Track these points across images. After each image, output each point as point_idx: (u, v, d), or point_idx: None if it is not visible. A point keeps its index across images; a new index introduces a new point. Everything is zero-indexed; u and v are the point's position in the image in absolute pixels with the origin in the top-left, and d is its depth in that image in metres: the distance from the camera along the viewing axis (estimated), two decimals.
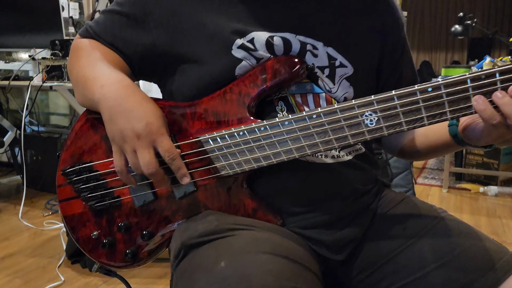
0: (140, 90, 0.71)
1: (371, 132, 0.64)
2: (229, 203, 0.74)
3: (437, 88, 0.60)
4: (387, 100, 0.62)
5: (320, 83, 0.74)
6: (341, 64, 0.75)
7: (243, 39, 0.72)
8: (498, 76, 0.57)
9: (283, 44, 0.73)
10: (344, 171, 0.75)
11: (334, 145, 0.65)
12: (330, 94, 0.75)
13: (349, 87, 0.76)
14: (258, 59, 0.72)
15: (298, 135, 0.66)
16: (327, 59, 0.74)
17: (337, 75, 0.75)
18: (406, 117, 0.62)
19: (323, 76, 0.74)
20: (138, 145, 0.66)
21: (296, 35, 0.73)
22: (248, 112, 0.71)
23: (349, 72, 0.76)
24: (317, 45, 0.74)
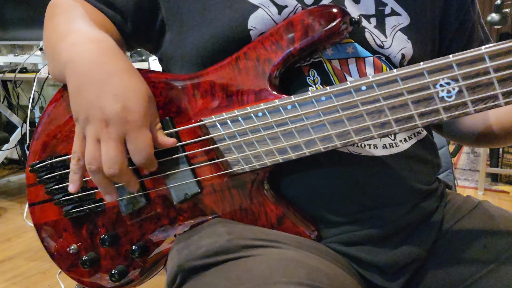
0: (124, 57, 0.52)
1: (450, 110, 0.44)
2: (246, 209, 0.55)
3: None
4: (474, 61, 0.42)
5: (368, 37, 0.55)
6: (393, 11, 0.56)
7: None
8: None
9: None
10: (400, 166, 0.55)
11: (393, 129, 0.46)
12: (383, 50, 0.55)
13: (407, 41, 0.57)
14: (281, 7, 0.53)
15: (341, 115, 0.47)
16: (373, 4, 0.56)
17: (388, 25, 0.56)
18: (503, 87, 0.42)
19: (371, 27, 0.55)
20: (104, 134, 0.47)
21: None
22: (270, 84, 0.52)
23: (404, 22, 0.57)
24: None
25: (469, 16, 0.64)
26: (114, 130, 0.47)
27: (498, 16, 2.88)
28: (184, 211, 0.57)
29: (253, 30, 0.53)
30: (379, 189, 0.54)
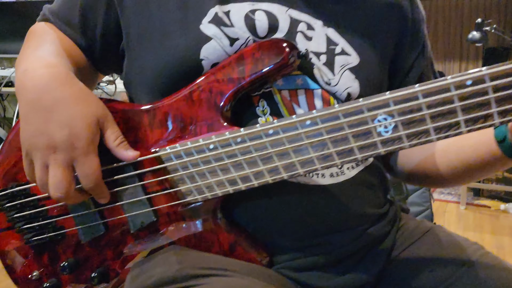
0: (75, 83, 0.53)
1: (386, 144, 0.46)
2: (200, 237, 0.56)
3: (480, 81, 0.42)
4: (409, 99, 0.44)
5: (316, 73, 0.57)
6: (343, 51, 0.58)
7: (220, 7, 0.55)
8: None
9: (268, 21, 0.56)
10: (348, 192, 0.57)
11: (335, 162, 0.48)
12: (329, 87, 0.57)
13: (354, 81, 0.58)
14: (233, 40, 0.55)
15: (287, 148, 0.49)
16: (325, 43, 0.58)
17: (337, 64, 0.58)
18: (435, 122, 0.44)
19: (320, 64, 0.57)
20: (52, 160, 0.49)
21: (288, 8, 0.57)
22: (222, 116, 0.54)
23: (353, 62, 0.59)
24: (313, 24, 0.57)
25: (418, 63, 0.66)
26: (62, 157, 0.49)
27: (478, 34, 2.96)
28: (141, 239, 0.58)
29: (205, 60, 0.55)
30: (327, 217, 0.56)
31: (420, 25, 0.66)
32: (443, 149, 0.61)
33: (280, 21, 0.56)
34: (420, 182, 0.66)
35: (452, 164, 0.60)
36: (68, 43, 0.62)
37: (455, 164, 0.59)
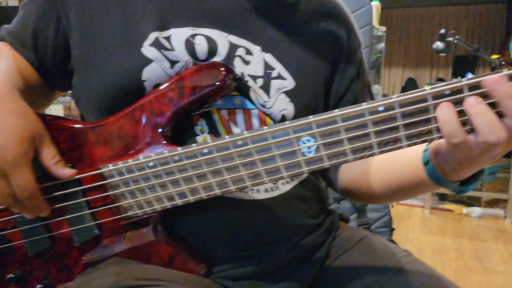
0: (18, 101, 0.55)
1: (310, 164, 0.50)
2: (141, 249, 0.59)
3: (390, 108, 0.47)
4: (329, 122, 0.48)
5: (253, 95, 0.60)
6: (280, 75, 0.62)
7: (160, 33, 0.58)
8: (467, 92, 0.44)
9: (207, 45, 0.59)
10: (282, 206, 0.61)
11: (264, 179, 0.51)
12: (264, 109, 0.61)
13: (289, 103, 0.62)
14: (173, 62, 0.58)
15: (220, 167, 0.52)
16: (262, 67, 0.61)
17: (273, 87, 0.61)
18: (351, 144, 0.48)
19: (256, 87, 0.60)
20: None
21: (228, 34, 0.60)
22: (162, 135, 0.57)
23: (289, 86, 0.62)
24: (252, 50, 0.61)
25: (353, 87, 0.69)
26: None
27: (442, 44, 3.06)
28: (85, 251, 0.60)
29: (147, 81, 0.58)
30: (262, 229, 0.60)
31: (355, 52, 0.69)
32: (377, 168, 0.64)
33: (219, 45, 0.59)
34: (354, 197, 0.69)
35: (384, 183, 0.62)
36: (22, 61, 0.64)
37: (387, 182, 0.62)
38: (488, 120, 0.42)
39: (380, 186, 0.63)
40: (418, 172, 0.54)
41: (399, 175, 0.59)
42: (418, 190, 0.58)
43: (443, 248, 2.51)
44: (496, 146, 0.42)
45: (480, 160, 0.45)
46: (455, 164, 0.47)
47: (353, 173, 0.68)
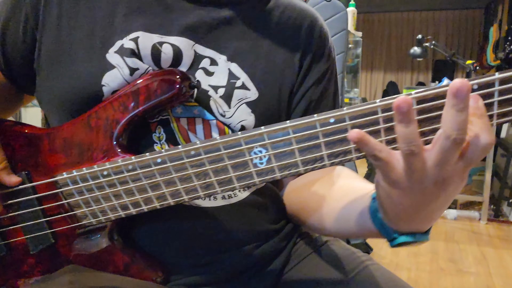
0: None
1: (261, 175, 0.50)
2: (96, 258, 0.58)
3: (341, 120, 0.47)
4: (281, 133, 0.49)
5: (212, 104, 0.60)
6: (244, 85, 0.62)
7: (125, 39, 0.58)
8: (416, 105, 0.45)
9: (173, 54, 0.59)
10: (240, 213, 0.61)
11: (216, 190, 0.52)
12: (223, 119, 0.61)
13: (250, 114, 0.62)
14: (133, 70, 0.58)
15: (173, 177, 0.52)
16: (226, 77, 0.61)
17: (235, 97, 0.61)
18: (302, 156, 0.49)
19: (216, 97, 0.60)
20: None
21: (195, 43, 0.60)
22: (117, 143, 0.56)
23: (252, 96, 0.62)
24: (217, 59, 0.61)
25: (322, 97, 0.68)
26: None
27: (419, 49, 3.11)
28: (42, 259, 0.60)
29: (106, 87, 0.57)
30: (219, 236, 0.60)
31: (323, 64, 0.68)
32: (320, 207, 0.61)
33: (184, 56, 0.59)
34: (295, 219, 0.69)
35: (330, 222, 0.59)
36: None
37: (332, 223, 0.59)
38: (408, 131, 0.39)
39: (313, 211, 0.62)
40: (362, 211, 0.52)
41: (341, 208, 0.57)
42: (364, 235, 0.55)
43: (418, 250, 2.55)
44: (413, 158, 0.39)
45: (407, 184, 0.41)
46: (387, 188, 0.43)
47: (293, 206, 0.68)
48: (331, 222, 0.59)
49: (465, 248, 2.58)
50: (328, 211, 0.59)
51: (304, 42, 0.67)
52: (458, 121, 0.37)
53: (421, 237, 0.47)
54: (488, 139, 0.38)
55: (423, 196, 0.42)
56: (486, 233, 2.85)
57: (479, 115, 0.39)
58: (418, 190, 0.41)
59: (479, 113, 0.39)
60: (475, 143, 0.38)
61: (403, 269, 2.27)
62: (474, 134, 0.38)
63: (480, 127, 0.38)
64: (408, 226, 0.46)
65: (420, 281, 2.15)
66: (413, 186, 0.41)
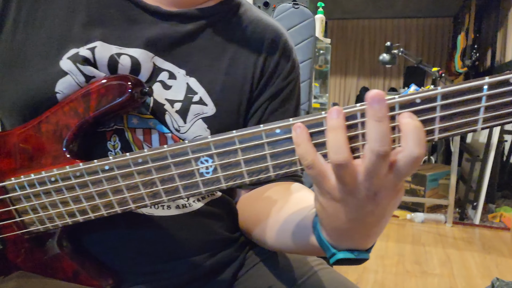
0: None
1: (207, 184, 0.51)
2: (45, 265, 0.58)
3: (287, 131, 0.48)
4: (227, 143, 0.49)
5: (168, 119, 0.60)
6: (201, 100, 0.62)
7: (82, 48, 0.58)
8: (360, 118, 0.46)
9: (131, 66, 0.59)
10: (194, 222, 0.62)
11: (163, 199, 0.52)
12: (178, 134, 0.61)
13: (205, 130, 0.62)
14: (88, 77, 0.58)
15: (120, 185, 0.52)
16: (184, 91, 0.61)
17: (192, 112, 0.61)
18: (248, 166, 0.50)
19: (172, 111, 0.61)
20: None
21: (154, 56, 0.60)
22: (67, 150, 0.56)
23: (208, 112, 0.62)
24: (176, 73, 0.61)
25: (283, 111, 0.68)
26: None
27: (388, 56, 3.18)
28: None
29: (60, 94, 0.57)
30: (172, 245, 0.60)
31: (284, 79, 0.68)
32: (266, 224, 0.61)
33: (143, 69, 0.59)
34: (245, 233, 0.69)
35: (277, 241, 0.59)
36: None
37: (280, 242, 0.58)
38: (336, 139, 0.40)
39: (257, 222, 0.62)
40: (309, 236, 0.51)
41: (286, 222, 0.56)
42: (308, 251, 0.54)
43: (386, 253, 2.60)
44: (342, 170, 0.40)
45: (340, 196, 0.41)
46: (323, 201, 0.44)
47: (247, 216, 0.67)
48: (272, 235, 0.58)
49: (430, 251, 2.64)
50: (271, 224, 0.58)
51: (265, 57, 0.67)
52: (379, 131, 0.37)
53: (361, 254, 0.46)
54: (417, 153, 0.37)
55: (357, 210, 0.42)
56: (451, 236, 2.93)
57: (411, 129, 0.38)
58: (351, 204, 0.42)
59: (410, 127, 0.39)
60: (404, 156, 0.38)
61: (370, 272, 2.31)
62: (404, 147, 0.38)
63: (410, 140, 0.38)
64: (348, 243, 0.45)
65: (386, 283, 2.20)
66: (346, 198, 0.41)
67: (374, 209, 0.41)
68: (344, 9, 7.12)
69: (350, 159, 0.40)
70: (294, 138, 0.43)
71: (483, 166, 3.18)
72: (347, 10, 7.15)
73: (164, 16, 0.62)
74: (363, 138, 0.42)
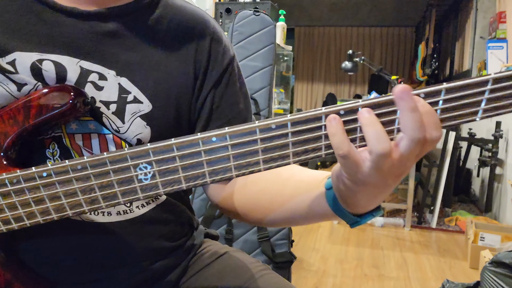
0: None
1: (145, 190, 0.51)
2: None
3: (223, 139, 0.50)
4: (165, 150, 0.50)
5: (105, 121, 0.60)
6: (135, 99, 0.62)
7: (3, 58, 0.57)
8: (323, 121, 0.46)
9: (55, 71, 0.58)
10: (136, 229, 0.62)
11: (101, 205, 0.52)
12: (119, 134, 0.61)
13: (145, 127, 0.62)
14: (20, 85, 0.57)
15: (58, 191, 0.52)
16: (117, 92, 0.61)
17: (128, 112, 0.61)
18: (185, 172, 0.51)
19: (109, 113, 0.60)
20: None
21: (80, 60, 0.60)
22: (5, 157, 0.55)
23: (145, 109, 0.62)
24: (106, 75, 0.61)
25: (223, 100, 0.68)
26: None
27: (350, 64, 3.26)
28: None
29: None
30: (113, 252, 0.60)
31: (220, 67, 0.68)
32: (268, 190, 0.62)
33: (69, 71, 0.59)
34: (232, 215, 0.66)
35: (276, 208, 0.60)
36: None
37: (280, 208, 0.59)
38: (376, 130, 0.41)
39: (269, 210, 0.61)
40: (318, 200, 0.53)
41: (297, 202, 0.57)
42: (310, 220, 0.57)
43: (345, 257, 2.65)
44: (383, 159, 0.41)
45: (372, 180, 0.44)
46: (351, 185, 0.46)
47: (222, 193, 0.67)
48: (285, 217, 0.59)
49: (388, 254, 2.71)
50: (282, 208, 0.59)
51: (196, 47, 0.67)
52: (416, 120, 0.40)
53: (378, 212, 0.51)
54: (436, 134, 0.41)
55: (384, 188, 0.45)
56: (409, 239, 3.02)
57: (429, 114, 0.41)
58: (380, 185, 0.44)
59: (427, 111, 0.41)
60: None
61: (329, 276, 2.35)
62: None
63: (431, 124, 0.41)
64: (365, 209, 0.50)
65: (344, 287, 2.24)
66: (377, 182, 0.44)
67: (395, 183, 0.46)
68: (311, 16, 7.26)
69: (392, 147, 0.41)
70: (329, 128, 0.43)
71: (440, 171, 3.30)
72: (314, 17, 7.28)
73: (82, 16, 0.60)
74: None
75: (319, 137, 0.46)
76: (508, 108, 0.43)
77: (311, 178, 0.57)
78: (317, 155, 0.47)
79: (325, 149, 0.46)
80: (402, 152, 0.41)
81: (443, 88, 0.43)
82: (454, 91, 0.43)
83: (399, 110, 0.42)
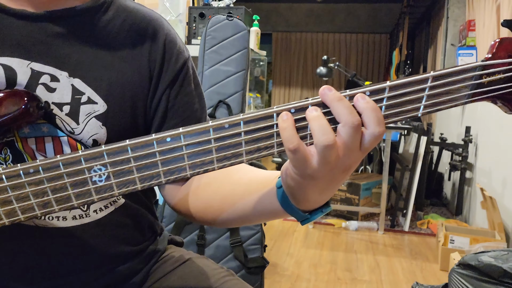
0: None
1: (100, 192, 0.51)
2: None
3: (177, 139, 0.50)
4: (119, 152, 0.50)
5: (59, 123, 0.60)
6: (90, 99, 0.61)
7: None
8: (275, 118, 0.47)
9: (4, 74, 0.57)
10: (94, 234, 0.61)
11: (54, 208, 0.51)
12: (74, 136, 0.60)
13: (101, 128, 0.62)
14: None
15: (10, 195, 0.51)
16: (70, 93, 0.60)
17: (83, 112, 0.61)
18: (140, 173, 0.50)
19: (62, 114, 0.60)
20: None
21: (30, 62, 0.59)
22: None
23: (100, 109, 0.62)
24: (58, 76, 0.60)
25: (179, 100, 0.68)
26: None
27: (325, 69, 3.30)
28: None
29: None
30: (67, 258, 0.59)
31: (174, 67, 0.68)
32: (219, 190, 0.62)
33: (19, 74, 0.58)
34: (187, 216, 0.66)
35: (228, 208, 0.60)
36: None
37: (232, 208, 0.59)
38: (321, 124, 0.43)
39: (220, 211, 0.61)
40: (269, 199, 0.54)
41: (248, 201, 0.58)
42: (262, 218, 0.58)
43: (319, 261, 2.67)
44: (329, 150, 0.43)
45: (320, 174, 0.45)
46: (300, 180, 0.46)
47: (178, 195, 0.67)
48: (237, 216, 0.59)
49: (361, 258, 2.74)
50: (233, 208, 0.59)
51: (149, 48, 0.67)
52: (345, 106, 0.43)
53: (327, 208, 0.51)
54: (379, 129, 0.43)
55: (331, 182, 0.47)
56: (382, 243, 3.06)
57: (371, 109, 0.43)
58: (328, 179, 0.46)
59: (370, 107, 0.43)
60: (369, 133, 0.43)
61: (303, 281, 2.36)
62: (368, 125, 0.43)
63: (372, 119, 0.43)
64: (315, 205, 0.50)
65: None
66: (325, 175, 0.45)
67: (344, 178, 0.47)
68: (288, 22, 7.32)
69: (335, 139, 0.43)
70: (280, 123, 0.44)
71: (412, 175, 3.36)
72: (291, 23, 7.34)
73: (32, 18, 0.60)
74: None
75: (271, 135, 0.47)
76: (446, 103, 0.46)
77: (262, 177, 0.57)
78: (270, 153, 0.48)
79: (277, 147, 0.48)
80: (344, 139, 0.43)
81: (386, 86, 0.45)
82: (397, 89, 0.45)
83: (328, 104, 0.44)
